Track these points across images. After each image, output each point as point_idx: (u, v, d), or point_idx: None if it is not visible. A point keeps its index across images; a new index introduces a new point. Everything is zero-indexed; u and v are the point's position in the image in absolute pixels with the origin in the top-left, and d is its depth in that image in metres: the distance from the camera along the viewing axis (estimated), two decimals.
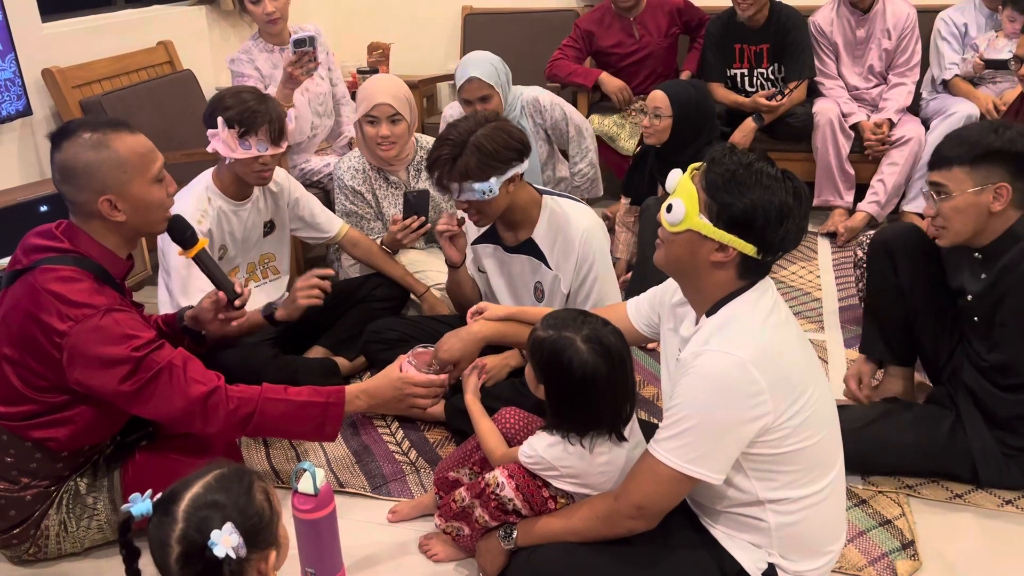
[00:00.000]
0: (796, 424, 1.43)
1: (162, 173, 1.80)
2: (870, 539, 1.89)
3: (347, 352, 2.63)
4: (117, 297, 1.78)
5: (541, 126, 3.23)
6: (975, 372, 2.03)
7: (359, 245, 2.75)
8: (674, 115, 2.86)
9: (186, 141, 3.36)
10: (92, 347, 1.67)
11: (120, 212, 1.74)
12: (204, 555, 1.12)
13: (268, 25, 3.23)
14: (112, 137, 1.72)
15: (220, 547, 1.11)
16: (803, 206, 1.43)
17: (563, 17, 4.38)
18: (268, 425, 1.83)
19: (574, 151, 3.33)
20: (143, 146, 1.77)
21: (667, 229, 1.49)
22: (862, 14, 3.61)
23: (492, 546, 1.71)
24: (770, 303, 1.48)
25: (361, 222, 2.85)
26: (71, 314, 1.67)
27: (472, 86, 2.98)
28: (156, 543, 1.14)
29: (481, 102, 2.99)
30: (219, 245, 2.45)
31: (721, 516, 1.56)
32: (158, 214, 1.81)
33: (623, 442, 1.61)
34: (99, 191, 1.71)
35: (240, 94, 2.33)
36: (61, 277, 1.70)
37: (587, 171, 3.37)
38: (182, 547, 1.13)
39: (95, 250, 1.77)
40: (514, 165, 2.06)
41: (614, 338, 1.58)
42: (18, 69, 2.94)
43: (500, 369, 2.31)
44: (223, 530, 1.12)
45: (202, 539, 1.12)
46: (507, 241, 2.27)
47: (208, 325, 2.03)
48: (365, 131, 2.75)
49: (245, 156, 2.31)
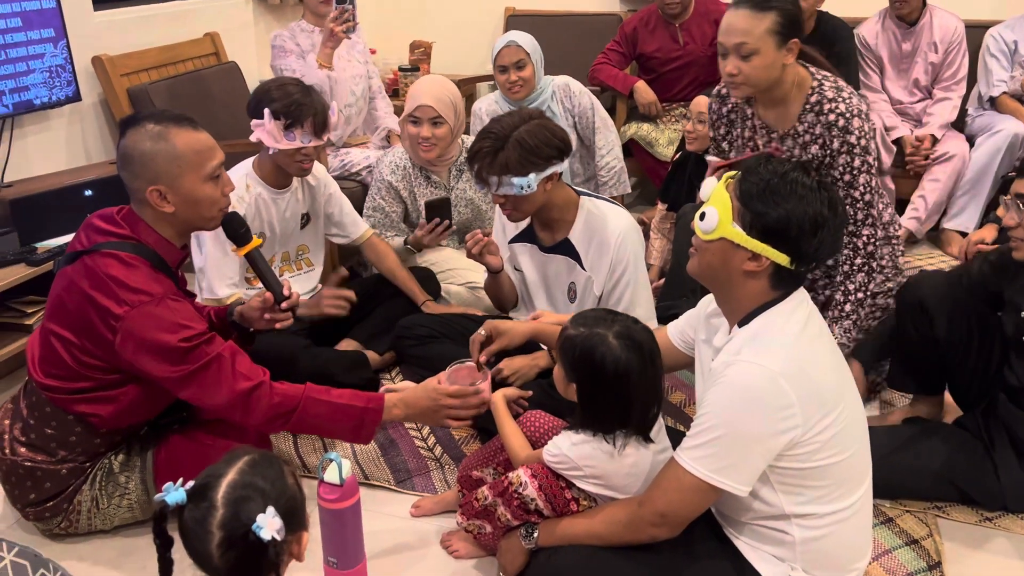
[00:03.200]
0: (825, 439, 1.42)
1: (218, 171, 1.82)
2: (896, 558, 1.87)
3: (377, 346, 2.65)
4: (172, 285, 1.82)
5: (570, 111, 3.27)
6: (1012, 405, 1.99)
7: (377, 249, 2.76)
8: None
9: (229, 131, 3.41)
10: (145, 332, 1.71)
11: (169, 204, 1.78)
12: (247, 539, 1.13)
13: (319, 7, 3.34)
14: (173, 131, 1.76)
15: (266, 531, 1.12)
16: (838, 217, 1.42)
17: (606, 21, 4.37)
18: (307, 423, 1.85)
19: (600, 142, 3.34)
20: (202, 143, 1.80)
21: (700, 237, 1.48)
22: (908, 27, 3.56)
23: (513, 545, 1.71)
24: (804, 316, 1.47)
25: (385, 219, 2.88)
26: (128, 299, 1.71)
27: (510, 50, 3.08)
28: (193, 531, 1.15)
29: (516, 68, 3.09)
30: (257, 233, 2.48)
31: (745, 528, 1.55)
32: (210, 211, 1.84)
33: (650, 444, 1.61)
34: (151, 180, 1.75)
35: (285, 87, 2.37)
36: (120, 261, 1.74)
37: (613, 164, 3.38)
38: (224, 532, 1.14)
39: (152, 237, 1.81)
40: (554, 163, 2.06)
41: (645, 335, 1.58)
42: (69, 55, 3.00)
43: (529, 369, 2.31)
44: (267, 513, 1.13)
45: (245, 523, 1.14)
46: (544, 241, 2.28)
47: (255, 323, 2.06)
48: (408, 130, 2.78)
49: (289, 147, 2.34)
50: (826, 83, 2.19)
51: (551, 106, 3.23)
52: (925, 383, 2.24)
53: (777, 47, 2.11)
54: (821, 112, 2.18)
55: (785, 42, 2.11)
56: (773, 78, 2.16)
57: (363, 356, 2.59)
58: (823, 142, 2.19)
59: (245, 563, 1.15)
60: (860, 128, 2.16)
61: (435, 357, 2.43)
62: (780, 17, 2.09)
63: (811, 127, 2.20)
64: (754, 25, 2.09)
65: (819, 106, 2.18)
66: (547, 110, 3.20)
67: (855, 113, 2.16)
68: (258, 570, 1.17)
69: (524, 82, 3.13)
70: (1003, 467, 1.96)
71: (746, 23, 2.09)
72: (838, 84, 2.19)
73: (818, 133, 2.19)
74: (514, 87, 3.15)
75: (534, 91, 3.19)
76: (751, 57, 2.11)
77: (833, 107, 2.17)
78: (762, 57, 2.10)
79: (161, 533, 1.19)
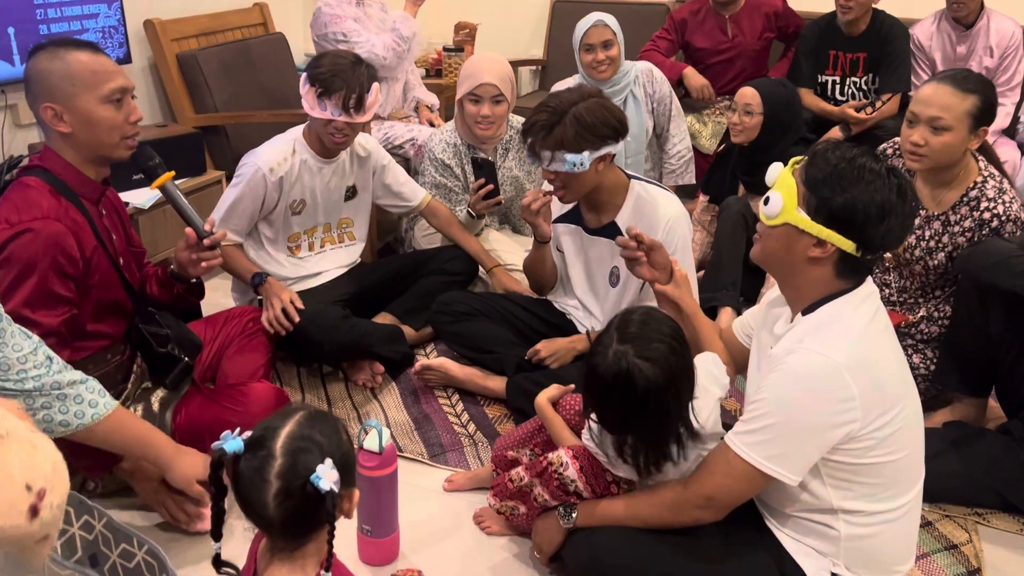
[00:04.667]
0: (882, 437, 1.39)
1: (118, 95, 1.79)
2: (934, 562, 1.84)
3: (414, 321, 2.65)
4: (78, 217, 1.77)
5: (651, 96, 3.26)
6: None
7: (439, 215, 2.77)
8: (764, 113, 2.82)
9: (274, 102, 3.42)
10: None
11: (65, 123, 1.76)
12: (305, 489, 1.13)
13: None
14: (71, 52, 1.76)
15: (325, 481, 1.12)
16: (907, 205, 1.39)
17: (654, 11, 4.33)
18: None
19: (674, 130, 3.34)
20: (100, 65, 1.78)
21: (764, 222, 1.46)
22: (964, 29, 3.50)
23: (550, 525, 1.70)
24: (872, 309, 1.43)
25: (450, 195, 2.86)
26: (9, 218, 1.69)
27: (598, 29, 3.07)
28: (251, 479, 1.15)
29: (604, 48, 3.07)
30: (298, 199, 2.49)
31: (790, 520, 1.52)
32: (110, 136, 1.80)
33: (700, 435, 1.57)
34: (45, 98, 1.75)
35: (338, 57, 2.36)
36: (22, 184, 1.75)
37: (684, 153, 3.38)
38: (283, 482, 1.14)
39: (58, 163, 1.80)
40: (609, 143, 2.04)
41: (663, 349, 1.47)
42: (122, 17, 3.02)
43: (567, 352, 2.31)
44: (325, 464, 1.13)
45: (303, 474, 1.13)
46: (589, 223, 2.26)
47: (187, 268, 2.00)
48: (466, 108, 2.76)
49: (321, 117, 2.34)
50: (991, 181, 2.19)
51: (633, 90, 3.21)
52: (973, 382, 2.19)
53: (970, 130, 2.12)
54: (977, 208, 2.18)
55: (977, 128, 2.12)
56: (954, 159, 2.17)
57: (399, 330, 2.59)
58: (971, 236, 2.19)
59: (300, 514, 1.15)
60: (1012, 234, 2.16)
61: (473, 335, 2.44)
62: (980, 103, 2.11)
63: (963, 219, 2.20)
64: (955, 103, 2.10)
65: (976, 201, 2.18)
66: (629, 94, 3.19)
67: (1011, 218, 2.15)
68: (312, 522, 1.17)
69: (611, 61, 3.10)
70: None
71: (948, 100, 2.10)
72: (1002, 186, 2.19)
73: (967, 227, 2.19)
74: (600, 66, 3.10)
75: (618, 72, 3.16)
76: (943, 132, 2.11)
77: (990, 206, 2.16)
78: (953, 135, 2.11)
79: (216, 481, 1.19)
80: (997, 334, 2.06)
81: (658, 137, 3.39)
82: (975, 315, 2.10)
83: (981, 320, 2.08)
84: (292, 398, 2.40)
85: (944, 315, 2.31)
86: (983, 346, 2.10)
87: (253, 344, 2.27)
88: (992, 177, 2.21)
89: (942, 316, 2.32)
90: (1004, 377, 2.11)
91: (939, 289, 2.34)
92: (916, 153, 2.16)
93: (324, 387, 2.48)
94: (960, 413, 2.23)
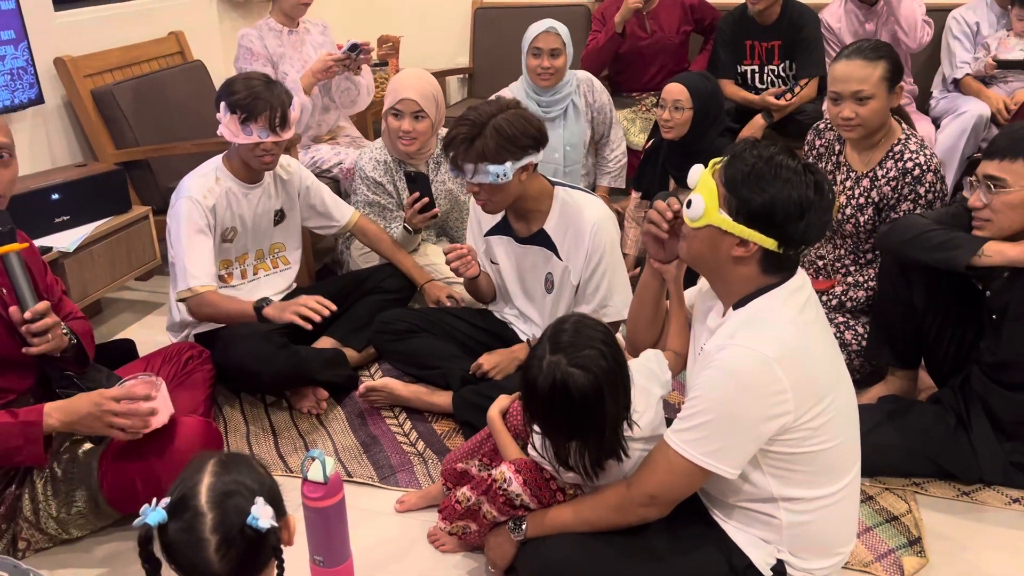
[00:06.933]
0: (817, 426, 1.43)
1: None
2: (877, 535, 1.89)
3: (356, 343, 2.63)
4: None
5: (591, 105, 3.31)
6: (985, 377, 2.03)
7: (368, 233, 2.76)
8: (694, 108, 2.84)
9: (197, 131, 3.36)
10: None
11: None
12: (244, 534, 1.12)
13: (296, 8, 3.30)
14: None
15: (263, 520, 1.11)
16: (825, 199, 1.42)
17: (574, 12, 4.36)
18: None
19: (614, 136, 3.42)
20: None
21: (688, 224, 1.49)
22: (869, 7, 3.60)
23: (502, 540, 1.71)
24: (801, 301, 1.47)
25: (384, 212, 2.85)
26: None
27: (549, 36, 3.11)
28: (184, 543, 1.13)
29: (551, 56, 3.11)
30: (229, 227, 2.46)
31: (734, 510, 1.56)
32: None
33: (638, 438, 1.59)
34: None
35: (250, 79, 2.34)
36: None
37: (621, 157, 3.46)
38: (220, 534, 1.12)
39: None
40: (530, 153, 2.06)
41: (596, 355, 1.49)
42: (31, 57, 2.94)
43: (509, 363, 2.32)
44: (258, 504, 1.12)
45: (238, 520, 1.13)
46: (519, 232, 2.28)
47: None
48: (389, 123, 2.76)
49: (247, 141, 2.32)
50: (913, 138, 2.35)
51: (574, 99, 3.24)
52: (902, 354, 2.26)
53: (888, 91, 2.28)
54: (901, 159, 2.31)
55: (893, 87, 2.29)
56: (884, 119, 2.33)
57: (342, 354, 2.57)
58: (896, 185, 2.31)
59: (246, 559, 1.14)
60: (932, 184, 2.28)
61: (415, 352, 2.43)
62: (889, 65, 2.28)
63: (888, 171, 2.33)
64: (869, 73, 2.26)
65: (900, 155, 2.32)
66: (570, 103, 3.22)
67: (932, 169, 2.28)
68: (259, 563, 1.16)
69: (556, 71, 3.13)
70: (978, 440, 1.99)
71: (862, 72, 2.26)
72: (923, 143, 2.35)
73: (892, 177, 2.32)
74: (544, 74, 3.13)
75: (561, 81, 3.18)
76: (867, 102, 2.27)
77: (913, 157, 2.30)
78: (877, 101, 2.27)
79: (149, 557, 1.16)
80: (921, 306, 2.13)
81: (596, 144, 3.43)
82: (899, 289, 2.17)
83: (905, 293, 2.15)
84: (236, 430, 2.38)
85: (870, 278, 2.40)
86: (909, 318, 2.17)
87: (193, 380, 2.23)
88: (914, 136, 2.36)
89: (867, 279, 2.41)
90: (931, 347, 2.19)
91: (871, 252, 2.44)
92: (849, 125, 2.31)
93: (268, 417, 2.45)
94: (894, 387, 2.30)
